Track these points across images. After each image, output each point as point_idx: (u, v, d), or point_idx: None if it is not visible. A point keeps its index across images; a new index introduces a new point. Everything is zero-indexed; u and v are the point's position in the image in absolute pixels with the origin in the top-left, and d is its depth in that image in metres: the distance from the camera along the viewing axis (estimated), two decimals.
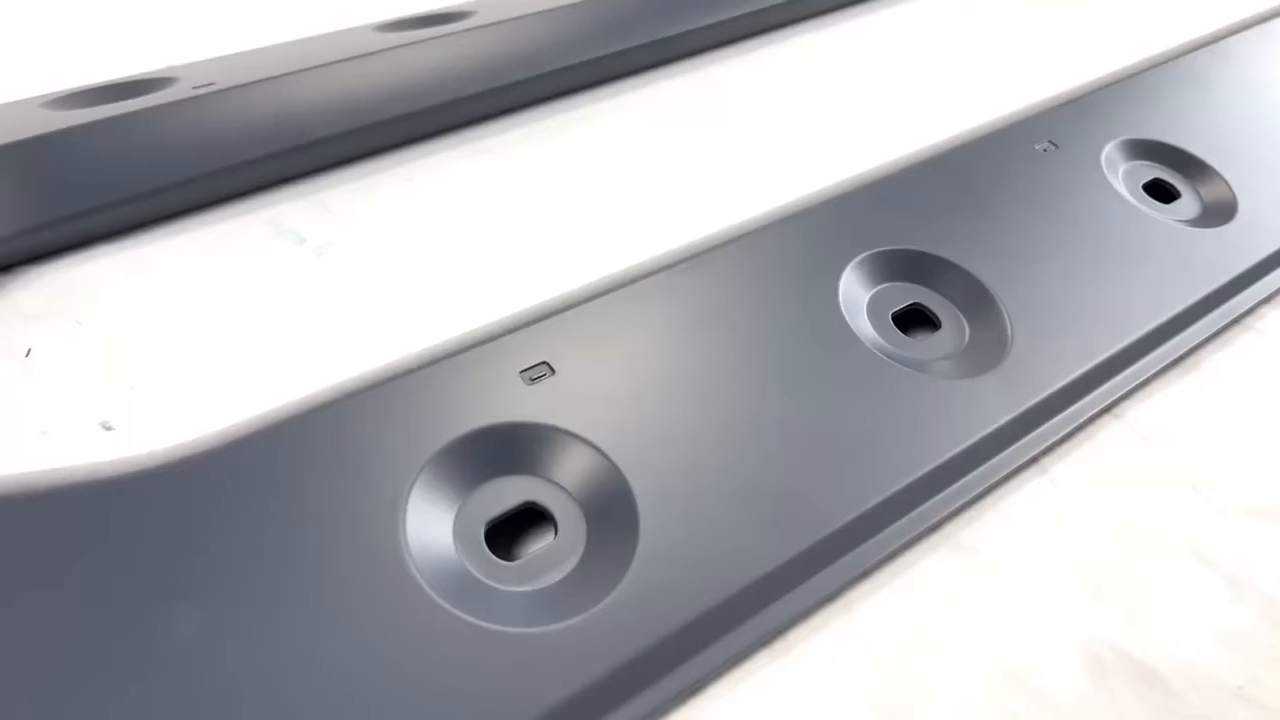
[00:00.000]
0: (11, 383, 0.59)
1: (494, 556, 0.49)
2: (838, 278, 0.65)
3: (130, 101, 0.73)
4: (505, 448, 0.52)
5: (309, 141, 0.77)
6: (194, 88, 0.74)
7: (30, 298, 0.65)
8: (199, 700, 0.41)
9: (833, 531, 0.53)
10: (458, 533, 0.50)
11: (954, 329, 0.66)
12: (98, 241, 0.70)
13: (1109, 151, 0.81)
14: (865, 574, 0.53)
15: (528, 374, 0.55)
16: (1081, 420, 0.61)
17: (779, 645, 0.50)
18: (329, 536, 0.47)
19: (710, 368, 0.59)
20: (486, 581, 0.48)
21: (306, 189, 0.78)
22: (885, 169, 0.77)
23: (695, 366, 0.58)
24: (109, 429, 0.56)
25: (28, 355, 0.61)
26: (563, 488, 0.52)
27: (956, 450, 0.57)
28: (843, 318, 0.63)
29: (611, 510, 0.51)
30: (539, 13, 0.89)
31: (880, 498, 0.54)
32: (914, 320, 0.67)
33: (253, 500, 0.47)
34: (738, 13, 1.00)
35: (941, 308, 0.67)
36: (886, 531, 0.54)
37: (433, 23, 0.89)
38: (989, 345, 0.64)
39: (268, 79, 0.75)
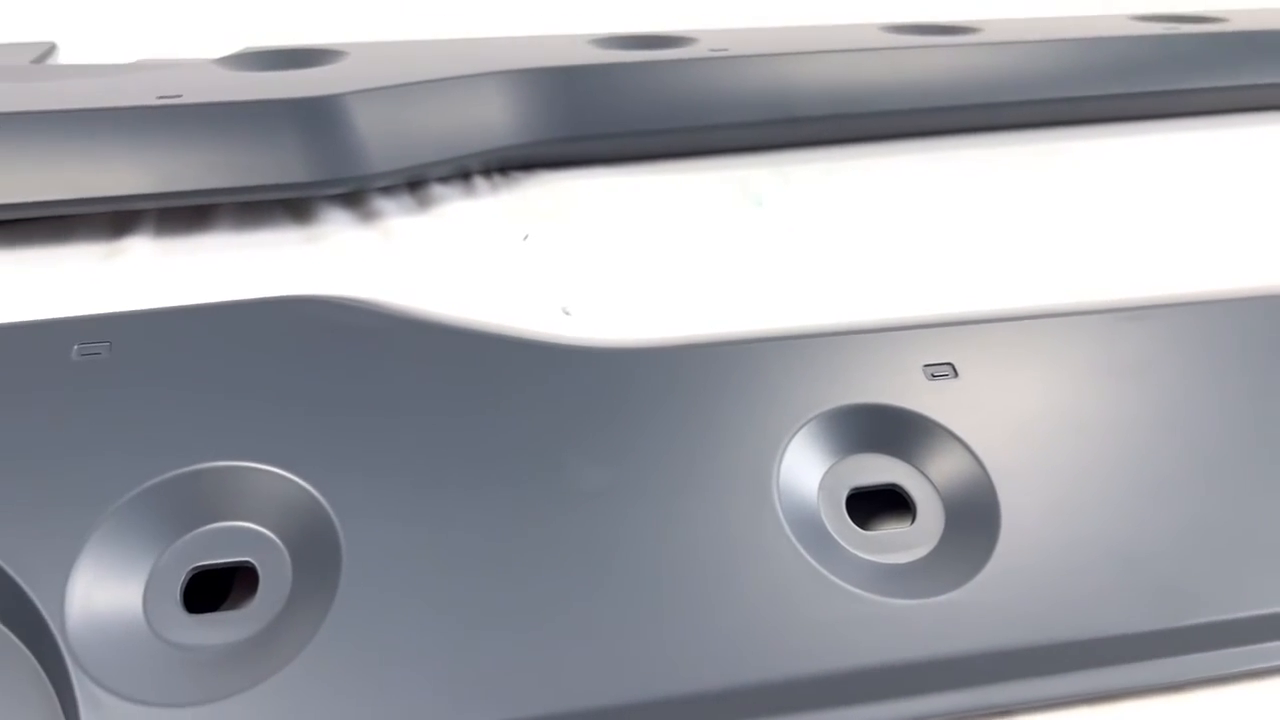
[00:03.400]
0: (508, 257, 0.72)
1: (850, 521, 0.53)
2: None
3: (657, 51, 0.84)
4: (889, 428, 0.55)
5: (792, 117, 0.84)
6: (710, 50, 0.84)
7: (539, 195, 0.78)
8: (584, 540, 0.49)
9: (1200, 624, 0.49)
10: (823, 488, 0.53)
11: None
12: (598, 164, 0.82)
13: None
14: (1224, 679, 0.49)
15: (931, 369, 0.57)
16: None
17: (1105, 708, 0.48)
18: (717, 449, 0.53)
19: (1118, 420, 0.57)
20: (837, 539, 0.52)
21: (775, 159, 0.85)
22: None
23: (1102, 414, 0.57)
24: (568, 314, 0.67)
25: (525, 239, 0.73)
26: (931, 482, 0.54)
27: None
28: None
29: (974, 517, 0.52)
30: (1047, 41, 0.89)
31: (1272, 609, 0.50)
32: None
33: (666, 398, 0.54)
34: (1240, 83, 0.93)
35: None
36: (1266, 645, 0.49)
37: (938, 32, 0.91)
38: None
39: (774, 54, 0.83)
